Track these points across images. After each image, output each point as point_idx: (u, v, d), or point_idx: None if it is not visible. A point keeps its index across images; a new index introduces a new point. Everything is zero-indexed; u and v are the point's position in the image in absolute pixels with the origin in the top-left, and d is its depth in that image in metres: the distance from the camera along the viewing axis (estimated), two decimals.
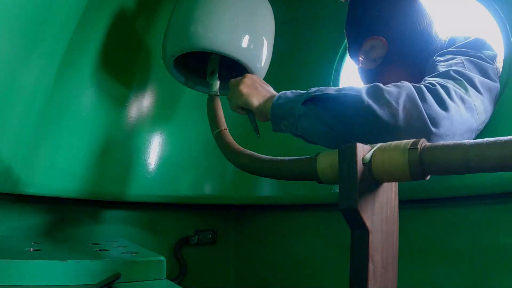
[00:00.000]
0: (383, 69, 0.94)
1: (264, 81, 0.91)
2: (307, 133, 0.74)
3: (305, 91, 0.76)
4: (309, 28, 1.40)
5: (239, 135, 0.96)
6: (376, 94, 0.65)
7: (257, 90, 0.86)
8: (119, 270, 0.81)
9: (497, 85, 0.77)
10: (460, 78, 0.70)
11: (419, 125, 0.62)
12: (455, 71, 0.71)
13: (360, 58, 0.97)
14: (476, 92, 0.70)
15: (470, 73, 0.72)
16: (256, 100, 0.84)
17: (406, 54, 0.91)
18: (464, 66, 0.75)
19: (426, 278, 0.96)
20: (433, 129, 0.62)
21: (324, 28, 1.37)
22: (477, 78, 0.72)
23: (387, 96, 0.64)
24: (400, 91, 0.65)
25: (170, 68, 1.01)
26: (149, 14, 1.24)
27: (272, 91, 0.88)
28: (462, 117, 0.66)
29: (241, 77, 0.90)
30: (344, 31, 1.01)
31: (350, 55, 1.01)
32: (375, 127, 0.64)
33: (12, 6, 0.79)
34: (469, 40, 0.86)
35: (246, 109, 0.88)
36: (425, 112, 0.62)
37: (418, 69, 0.89)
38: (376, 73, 0.95)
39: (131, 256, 0.91)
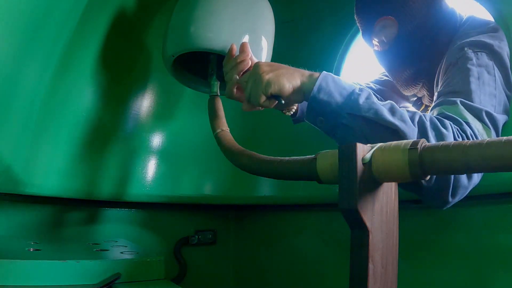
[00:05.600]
0: (397, 48, 0.94)
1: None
2: (340, 141, 0.70)
3: (352, 90, 0.69)
4: (309, 28, 1.40)
5: (240, 135, 0.96)
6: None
7: (282, 70, 0.75)
8: (119, 270, 0.82)
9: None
10: (490, 127, 0.70)
11: (444, 188, 0.64)
12: (488, 115, 0.70)
13: (373, 40, 0.97)
14: (495, 135, 0.71)
15: (499, 116, 0.71)
16: (287, 82, 0.73)
17: (418, 30, 0.90)
18: (494, 78, 0.75)
19: (426, 278, 0.96)
20: (450, 199, 0.65)
21: (324, 28, 1.37)
22: (503, 119, 0.72)
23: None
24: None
25: (170, 68, 1.01)
26: (149, 14, 1.24)
27: (297, 69, 0.77)
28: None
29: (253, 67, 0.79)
30: (355, 16, 1.01)
31: (363, 38, 1.01)
32: None
33: (11, 6, 0.79)
34: (492, 25, 0.84)
35: (273, 98, 0.77)
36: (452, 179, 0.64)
37: (435, 45, 0.88)
38: (391, 53, 0.95)
39: (131, 256, 0.91)
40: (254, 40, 0.95)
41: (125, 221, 1.35)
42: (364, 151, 0.50)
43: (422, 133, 0.64)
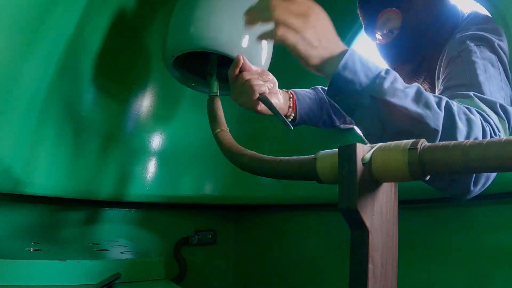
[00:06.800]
0: (400, 41, 0.94)
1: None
2: (357, 122, 0.68)
3: (378, 72, 0.64)
4: None
5: (239, 135, 0.96)
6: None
7: (322, 42, 0.70)
8: (119, 270, 0.82)
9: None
10: (504, 119, 0.67)
11: (463, 180, 0.61)
12: (502, 107, 0.68)
13: (376, 34, 0.97)
14: (507, 127, 0.69)
15: (509, 108, 0.69)
16: (316, 57, 0.69)
17: (421, 23, 0.90)
18: (499, 71, 0.74)
19: (426, 278, 0.96)
20: (472, 188, 0.62)
21: None
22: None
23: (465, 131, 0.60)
24: (470, 131, 0.61)
25: (170, 68, 1.01)
26: (149, 14, 1.24)
27: (335, 41, 0.71)
28: None
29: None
30: (357, 10, 1.01)
31: (366, 32, 1.00)
32: None
33: (12, 6, 0.79)
34: (493, 24, 0.84)
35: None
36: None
37: (438, 39, 0.88)
38: (394, 46, 0.95)
39: (131, 256, 0.91)
40: (254, 40, 0.95)
41: (125, 221, 1.35)
42: (364, 151, 0.50)
43: (449, 117, 0.61)
